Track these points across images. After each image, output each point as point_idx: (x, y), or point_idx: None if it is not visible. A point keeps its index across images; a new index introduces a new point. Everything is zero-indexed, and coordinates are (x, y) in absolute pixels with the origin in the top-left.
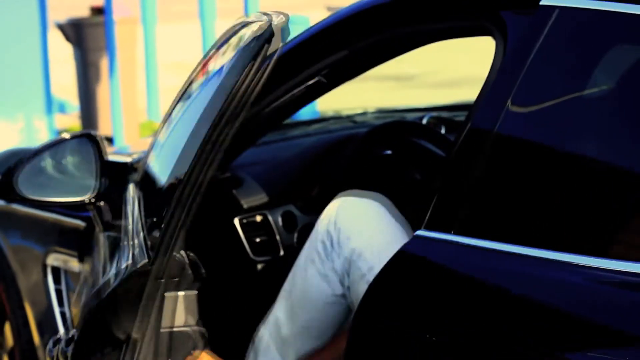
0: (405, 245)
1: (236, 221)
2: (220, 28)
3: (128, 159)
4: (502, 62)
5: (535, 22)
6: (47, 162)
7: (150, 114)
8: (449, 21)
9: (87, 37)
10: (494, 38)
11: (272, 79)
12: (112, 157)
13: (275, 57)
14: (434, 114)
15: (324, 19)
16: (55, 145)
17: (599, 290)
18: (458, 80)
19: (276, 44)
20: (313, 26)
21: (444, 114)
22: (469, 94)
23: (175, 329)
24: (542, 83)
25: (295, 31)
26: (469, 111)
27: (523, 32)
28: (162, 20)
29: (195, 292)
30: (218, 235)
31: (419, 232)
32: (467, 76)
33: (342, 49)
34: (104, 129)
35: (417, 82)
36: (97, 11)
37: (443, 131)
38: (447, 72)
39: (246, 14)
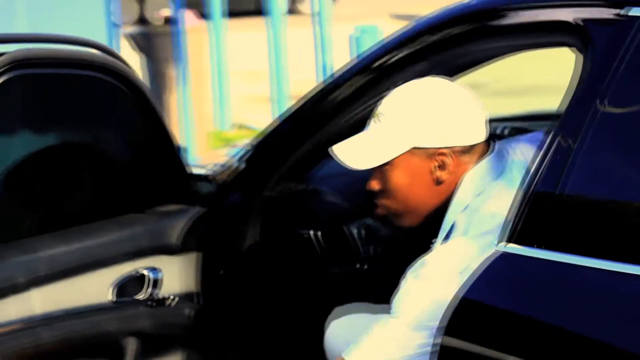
0: (488, 259)
1: (315, 233)
2: (290, 36)
3: (204, 171)
4: (588, 73)
5: (621, 33)
6: None
7: (220, 123)
8: (532, 35)
9: (157, 46)
10: (577, 50)
11: (353, 90)
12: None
13: None
14: (509, 124)
15: (402, 31)
16: None
17: None
18: (526, 89)
19: None
20: (392, 38)
21: (519, 125)
22: (538, 102)
23: None
24: (630, 93)
25: (365, 40)
26: (553, 122)
27: (609, 43)
28: (231, 28)
29: None
30: (296, 246)
31: (501, 247)
32: (534, 84)
33: (421, 61)
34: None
35: (485, 90)
36: (167, 21)
37: None
38: (514, 80)
39: (321, 26)
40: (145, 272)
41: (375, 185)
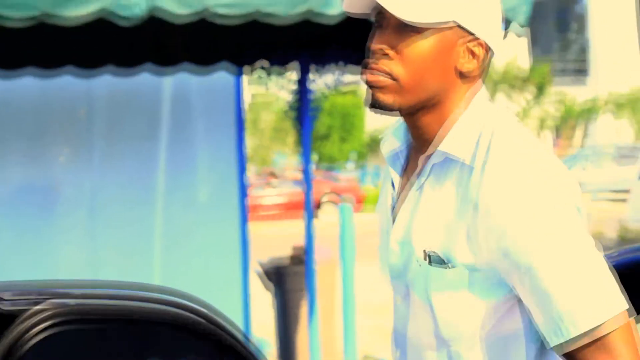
0: None
1: None
2: None
3: None
4: None
5: None
6: None
7: (347, 356)
8: None
9: (287, 279)
10: None
11: None
12: None
13: None
14: None
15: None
16: None
17: None
18: None
19: None
20: None
21: None
22: None
23: None
24: None
25: None
26: None
27: None
28: (360, 261)
29: None
30: None
31: None
32: None
33: None
34: None
35: None
36: (297, 259)
37: None
38: None
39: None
40: None
41: (384, 46)
